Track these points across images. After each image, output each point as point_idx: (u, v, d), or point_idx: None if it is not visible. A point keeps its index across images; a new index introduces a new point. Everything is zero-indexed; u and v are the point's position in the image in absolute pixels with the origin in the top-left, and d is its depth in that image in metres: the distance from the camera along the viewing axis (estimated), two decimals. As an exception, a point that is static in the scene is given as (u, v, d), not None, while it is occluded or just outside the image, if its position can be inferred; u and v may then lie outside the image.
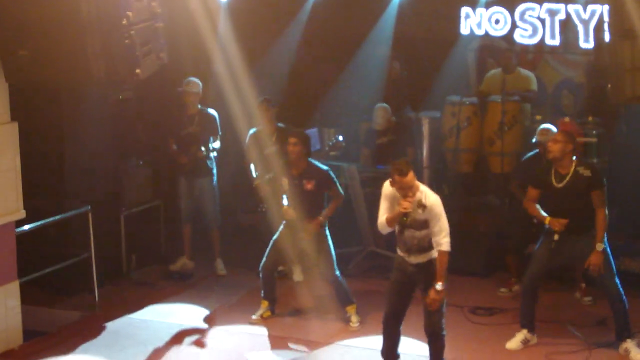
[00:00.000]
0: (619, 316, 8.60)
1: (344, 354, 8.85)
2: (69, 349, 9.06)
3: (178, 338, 9.32)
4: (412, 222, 7.78)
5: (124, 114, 11.30)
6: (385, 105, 11.73)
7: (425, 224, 7.76)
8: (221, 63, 10.87)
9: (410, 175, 7.67)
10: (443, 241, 7.70)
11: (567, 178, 8.53)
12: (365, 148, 11.86)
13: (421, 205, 7.73)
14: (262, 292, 9.74)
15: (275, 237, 9.54)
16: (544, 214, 8.66)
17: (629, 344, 8.58)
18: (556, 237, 8.56)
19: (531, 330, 8.88)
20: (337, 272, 9.34)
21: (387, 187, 7.92)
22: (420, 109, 12.52)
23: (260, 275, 9.67)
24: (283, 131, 10.60)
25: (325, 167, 9.47)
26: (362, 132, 12.26)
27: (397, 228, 7.92)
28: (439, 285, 7.67)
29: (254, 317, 9.69)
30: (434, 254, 7.78)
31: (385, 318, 8.06)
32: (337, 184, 9.42)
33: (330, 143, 11.30)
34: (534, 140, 10.02)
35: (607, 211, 8.50)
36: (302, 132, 9.75)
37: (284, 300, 10.01)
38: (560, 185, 8.54)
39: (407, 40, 13.02)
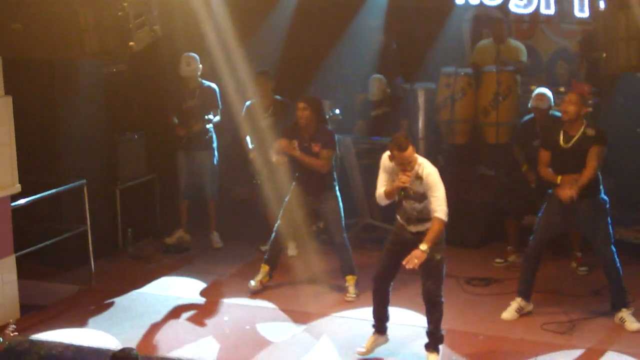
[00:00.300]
0: (613, 285, 8.64)
1: (341, 324, 8.87)
2: (66, 322, 9.08)
3: (174, 311, 9.34)
4: (413, 194, 7.80)
5: (117, 87, 11.25)
6: (380, 76, 11.71)
7: (425, 196, 7.78)
8: (215, 36, 10.81)
9: (410, 150, 7.69)
10: (438, 208, 7.72)
11: (575, 139, 8.56)
12: (360, 120, 11.85)
13: (419, 177, 7.74)
14: (267, 255, 9.75)
15: (287, 198, 9.55)
16: (555, 176, 8.67)
17: (624, 313, 8.62)
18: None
19: (526, 297, 8.91)
20: (345, 236, 9.35)
21: (385, 159, 7.93)
22: (414, 80, 12.48)
23: (273, 238, 9.66)
24: (280, 104, 10.57)
25: (330, 129, 9.56)
26: (356, 104, 12.24)
27: (397, 199, 7.92)
28: (423, 246, 7.65)
29: (252, 282, 9.71)
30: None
31: (375, 277, 8.14)
32: (329, 147, 9.34)
33: (327, 117, 11.26)
34: (529, 105, 10.01)
35: (598, 169, 8.51)
36: (311, 97, 9.74)
37: (281, 273, 10.02)
38: (568, 145, 8.58)
39: (401, 11, 12.94)
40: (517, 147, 10.18)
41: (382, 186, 7.94)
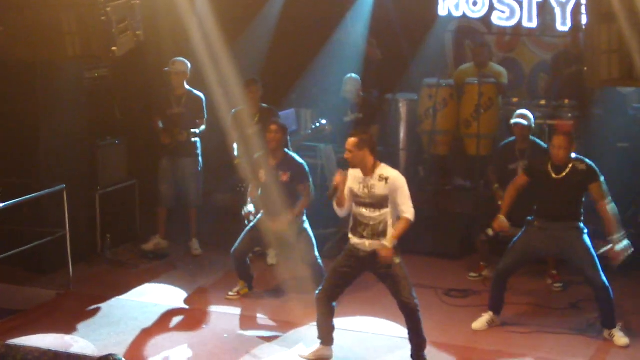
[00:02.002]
0: (604, 308, 8.62)
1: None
2: (44, 327, 9.01)
3: (152, 318, 9.31)
4: (371, 200, 7.79)
5: (99, 92, 11.23)
6: (355, 76, 11.67)
7: (384, 201, 7.76)
8: (200, 41, 10.80)
9: (355, 140, 7.76)
10: (407, 210, 7.79)
11: (567, 170, 8.58)
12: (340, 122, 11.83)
13: (383, 178, 7.75)
14: (237, 274, 9.74)
15: (251, 225, 9.50)
16: (506, 210, 8.72)
17: (614, 330, 8.62)
18: (490, 232, 8.75)
19: (497, 313, 8.94)
20: (317, 256, 9.34)
21: (350, 172, 7.95)
22: (397, 90, 12.52)
23: (232, 259, 9.66)
24: (266, 112, 10.55)
25: (301, 161, 9.45)
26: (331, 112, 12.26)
27: (353, 210, 7.91)
28: (386, 241, 7.69)
29: (230, 293, 9.71)
30: (386, 241, 7.81)
31: (319, 295, 8.11)
32: (310, 181, 9.37)
33: (314, 126, 11.25)
34: (511, 121, 10.02)
35: (611, 200, 8.57)
36: (282, 123, 9.69)
37: (261, 281, 10.02)
38: (559, 176, 8.59)
39: (384, 21, 12.99)
40: (492, 168, 10.19)
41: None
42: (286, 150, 9.45)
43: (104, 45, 9.00)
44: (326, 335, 8.25)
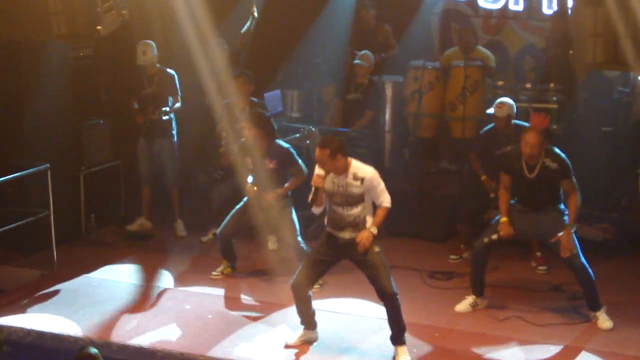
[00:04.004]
0: (587, 290, 8.65)
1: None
2: (27, 307, 9.03)
3: (137, 298, 9.31)
4: (347, 198, 7.78)
5: (84, 71, 11.18)
6: (371, 55, 11.61)
7: (360, 199, 7.76)
8: (186, 20, 10.75)
9: (326, 152, 7.64)
10: (385, 199, 7.80)
11: (537, 168, 8.55)
12: (338, 100, 11.77)
13: (358, 178, 7.74)
14: (221, 254, 9.76)
15: (238, 206, 9.50)
16: (506, 212, 8.70)
17: (599, 312, 8.66)
18: (495, 237, 8.72)
19: (479, 294, 8.97)
20: (300, 239, 9.32)
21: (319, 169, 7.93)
22: (382, 72, 12.50)
23: (218, 241, 9.68)
24: (256, 106, 10.50)
25: (286, 145, 9.41)
26: (324, 95, 12.22)
27: (329, 207, 7.90)
28: (373, 228, 7.72)
29: (214, 273, 9.73)
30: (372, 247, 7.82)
31: (294, 284, 8.08)
32: (299, 161, 9.35)
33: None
34: (490, 111, 10.00)
35: (579, 195, 8.57)
36: (255, 115, 9.60)
37: (246, 261, 10.02)
38: (532, 175, 8.58)
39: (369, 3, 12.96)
40: (472, 155, 10.16)
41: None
42: (271, 140, 9.39)
43: (89, 24, 8.99)
44: (308, 320, 8.26)
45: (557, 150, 8.61)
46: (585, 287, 8.66)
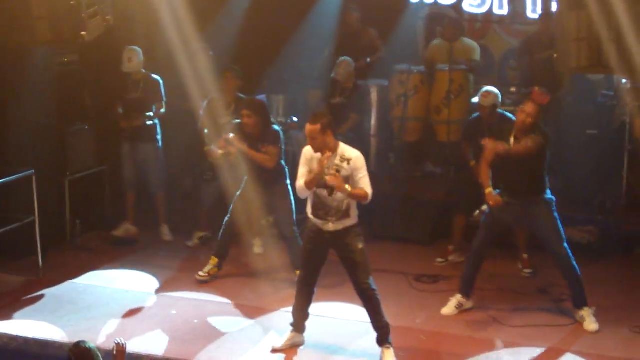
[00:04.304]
0: (573, 284, 8.67)
1: (290, 319, 8.85)
2: (12, 313, 8.99)
3: (122, 304, 9.27)
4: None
5: (69, 77, 11.15)
6: (349, 59, 11.61)
7: (346, 182, 7.72)
8: (171, 26, 10.75)
9: (317, 127, 7.67)
10: (367, 188, 7.74)
11: (522, 142, 8.59)
12: (323, 104, 11.77)
13: (345, 159, 7.73)
14: (216, 247, 9.77)
15: (237, 196, 9.54)
16: (489, 183, 8.71)
17: (585, 312, 8.66)
18: (486, 209, 8.76)
19: (466, 295, 8.99)
20: (295, 229, 9.34)
21: (307, 151, 7.92)
22: (368, 77, 12.53)
23: (222, 230, 9.67)
24: (243, 102, 10.50)
25: (277, 128, 9.49)
26: (310, 99, 12.22)
27: (314, 192, 7.88)
28: (348, 187, 7.64)
29: (200, 273, 9.74)
30: (351, 221, 7.81)
31: (299, 280, 8.17)
32: (278, 145, 9.36)
33: (287, 121, 11.22)
34: (475, 100, 10.05)
35: (529, 150, 8.50)
36: (254, 102, 9.69)
37: (232, 266, 10.02)
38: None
39: (356, 5, 12.99)
40: (465, 143, 10.22)
41: (301, 178, 7.88)
42: (266, 126, 9.42)
43: (74, 29, 8.96)
44: (300, 322, 8.26)
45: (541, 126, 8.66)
46: (570, 282, 8.68)
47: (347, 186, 7.66)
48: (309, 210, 8.00)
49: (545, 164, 8.64)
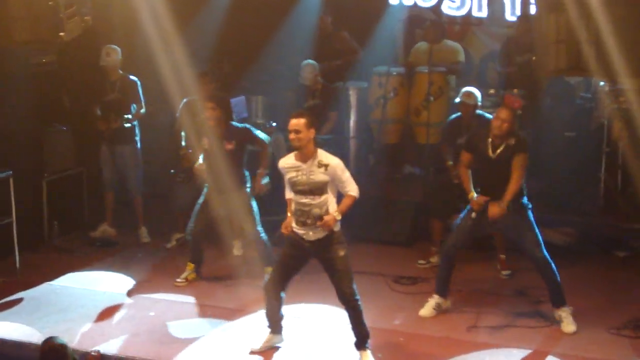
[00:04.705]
0: (551, 285, 8.68)
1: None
2: (-11, 315, 8.95)
3: (100, 306, 9.24)
4: (311, 187, 7.76)
5: (47, 77, 11.11)
6: (312, 62, 11.61)
7: (324, 187, 7.73)
8: (150, 27, 10.72)
9: (302, 121, 7.70)
10: (352, 188, 7.80)
11: (501, 149, 8.62)
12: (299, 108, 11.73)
13: (322, 165, 7.74)
14: (190, 255, 9.76)
15: (200, 200, 9.54)
16: (471, 187, 8.75)
17: (564, 312, 8.66)
18: (474, 215, 8.71)
19: (443, 295, 9.00)
20: (260, 229, 9.34)
21: (281, 164, 7.95)
22: (347, 79, 12.54)
23: (189, 239, 9.71)
24: (208, 100, 10.48)
25: (242, 125, 9.54)
26: (289, 100, 12.21)
27: (293, 198, 7.89)
28: (337, 214, 7.70)
29: (178, 280, 9.71)
30: (333, 228, 7.80)
31: (267, 286, 8.11)
32: (260, 135, 9.46)
33: (268, 125, 11.22)
34: (457, 100, 10.08)
35: (523, 178, 8.60)
36: (220, 97, 9.70)
37: (211, 267, 10.01)
38: (494, 155, 8.64)
39: (335, 9, 12.99)
40: (445, 145, 10.26)
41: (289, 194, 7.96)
42: (230, 123, 9.47)
43: (52, 30, 8.92)
44: (275, 324, 8.25)
45: (519, 132, 8.71)
46: (548, 282, 8.69)
47: (336, 215, 7.74)
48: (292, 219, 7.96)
49: (524, 172, 8.67)
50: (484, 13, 12.30)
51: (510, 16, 12.15)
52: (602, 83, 10.79)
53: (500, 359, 8.18)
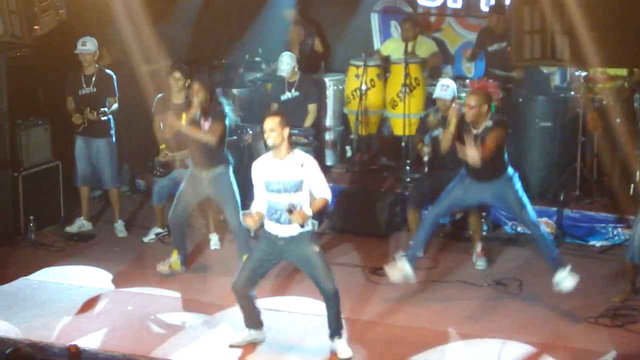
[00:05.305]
0: (541, 242, 8.86)
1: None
2: (-35, 310, 8.91)
3: (77, 300, 9.21)
4: (286, 185, 7.75)
5: (21, 71, 11.03)
6: (290, 53, 11.56)
7: (299, 185, 7.74)
8: (125, 20, 10.68)
9: (277, 119, 7.73)
10: (325, 191, 7.81)
11: (481, 132, 8.75)
12: (273, 102, 11.67)
13: (298, 163, 7.75)
14: (173, 242, 9.77)
15: (180, 190, 9.54)
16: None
17: (563, 272, 8.77)
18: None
19: (419, 251, 9.28)
20: (242, 220, 9.32)
21: (255, 167, 7.95)
22: (323, 71, 12.53)
23: (170, 228, 9.73)
24: (193, 81, 10.44)
25: (223, 109, 9.53)
26: (265, 91, 12.20)
27: (268, 198, 7.85)
28: (308, 210, 7.71)
29: (162, 264, 9.71)
30: (305, 227, 7.80)
31: (235, 286, 8.06)
32: (224, 121, 9.42)
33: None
34: (434, 95, 10.09)
35: (493, 152, 8.71)
36: (206, 83, 9.69)
37: (192, 260, 10.03)
38: (476, 131, 8.77)
39: (312, 1, 13.00)
40: (416, 137, 10.31)
41: (259, 201, 7.92)
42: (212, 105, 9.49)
43: (26, 24, 8.86)
44: (252, 320, 8.21)
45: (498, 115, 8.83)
46: (540, 244, 8.87)
47: (307, 213, 7.72)
48: (265, 216, 7.96)
49: (505, 148, 8.84)
50: (459, 4, 12.32)
51: (485, 7, 12.18)
52: (577, 73, 10.84)
53: (478, 349, 8.22)
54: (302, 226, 7.73)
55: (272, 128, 7.73)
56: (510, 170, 8.89)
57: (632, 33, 8.38)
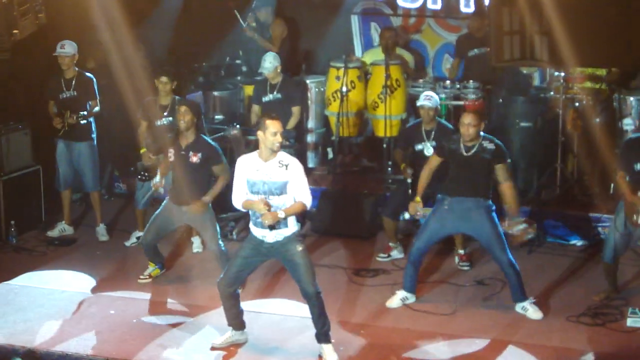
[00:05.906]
0: (513, 284, 8.82)
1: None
2: (-54, 316, 8.86)
3: (59, 304, 9.17)
4: (270, 187, 7.74)
5: (1, 75, 11.00)
6: (273, 54, 11.49)
7: (284, 188, 7.73)
8: (104, 23, 10.65)
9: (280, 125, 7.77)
10: (306, 197, 7.78)
11: (474, 148, 8.73)
12: (255, 104, 11.63)
13: (283, 164, 7.73)
14: (147, 256, 9.70)
15: (157, 212, 9.44)
16: (420, 192, 8.96)
17: (526, 303, 8.81)
18: (407, 215, 9.20)
19: (411, 291, 9.08)
20: (221, 243, 9.27)
21: (240, 163, 7.91)
22: (305, 73, 12.54)
23: (144, 249, 9.64)
24: (180, 103, 10.40)
25: (213, 143, 9.35)
26: (246, 96, 12.19)
27: (252, 197, 7.84)
28: (281, 213, 7.67)
29: (142, 277, 9.68)
30: (290, 230, 7.81)
31: (221, 284, 8.07)
32: (225, 162, 9.30)
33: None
34: (418, 103, 10.10)
35: (513, 184, 8.80)
36: (193, 102, 9.62)
37: (170, 265, 10.00)
38: (469, 154, 8.73)
39: (290, 2, 13.00)
40: (398, 151, 10.30)
41: (239, 191, 7.88)
42: (200, 134, 9.34)
43: (5, 28, 8.84)
44: (235, 321, 8.23)
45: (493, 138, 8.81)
46: (511, 280, 8.83)
47: (282, 214, 7.69)
48: (250, 220, 7.96)
49: (492, 173, 8.81)
50: (438, 5, 12.36)
51: (464, 8, 12.21)
52: (556, 73, 10.89)
53: (461, 349, 8.24)
54: (276, 228, 7.73)
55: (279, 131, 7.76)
56: (490, 202, 8.83)
57: (608, 33, 8.44)
